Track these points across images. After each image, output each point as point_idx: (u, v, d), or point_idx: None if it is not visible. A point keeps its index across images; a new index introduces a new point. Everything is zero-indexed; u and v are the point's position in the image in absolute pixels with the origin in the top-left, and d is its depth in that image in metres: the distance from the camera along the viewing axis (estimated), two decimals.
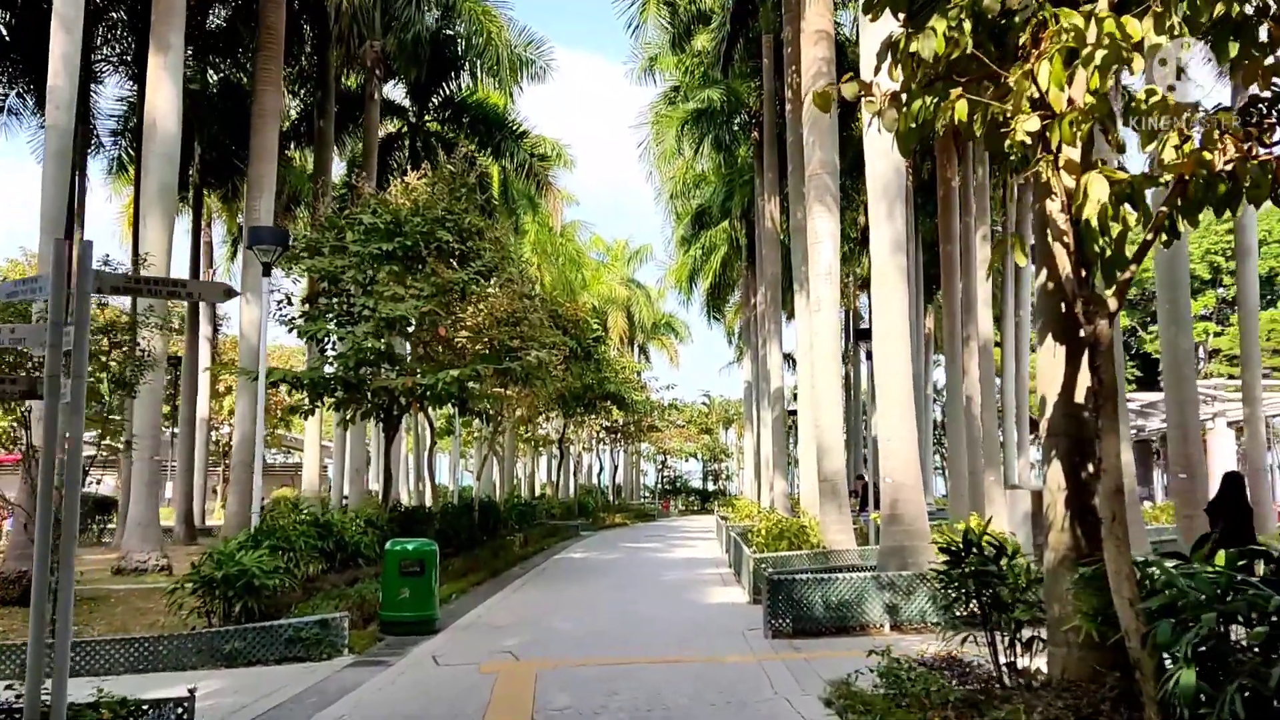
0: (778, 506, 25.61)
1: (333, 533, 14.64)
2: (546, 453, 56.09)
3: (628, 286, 55.34)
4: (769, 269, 27.05)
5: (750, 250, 35.47)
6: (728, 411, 72.02)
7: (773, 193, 27.26)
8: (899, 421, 12.98)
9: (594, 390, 35.58)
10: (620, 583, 18.37)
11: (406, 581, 12.55)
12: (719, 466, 70.50)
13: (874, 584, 12.06)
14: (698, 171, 37.61)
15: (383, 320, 15.36)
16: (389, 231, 16.11)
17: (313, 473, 22.71)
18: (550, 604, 15.34)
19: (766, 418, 29.24)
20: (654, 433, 51.96)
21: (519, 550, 24.40)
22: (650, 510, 54.85)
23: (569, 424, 40.55)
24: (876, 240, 13.35)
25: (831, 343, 17.56)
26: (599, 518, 41.89)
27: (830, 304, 17.62)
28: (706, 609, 14.57)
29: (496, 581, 18.65)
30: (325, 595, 12.79)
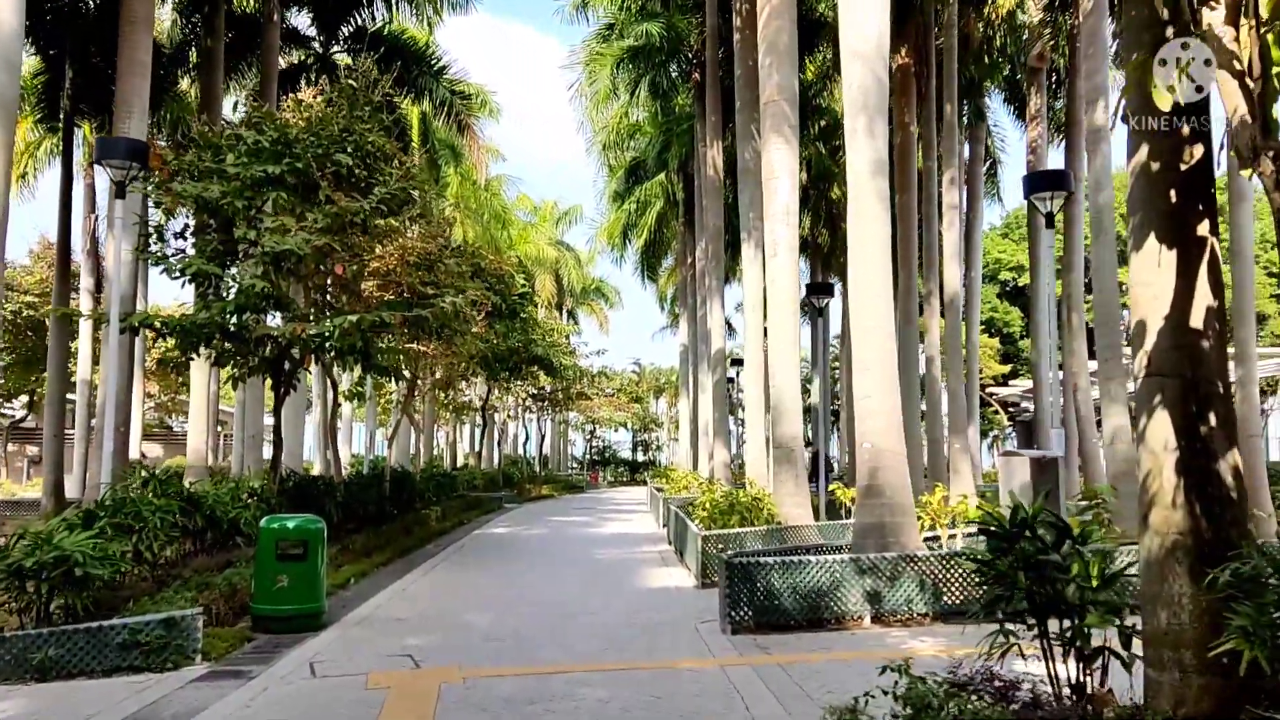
0: (719, 477, 23.72)
1: (202, 507, 12.17)
2: (470, 421, 53.51)
3: (556, 248, 52.81)
4: (710, 220, 25.00)
5: (688, 206, 33.36)
6: (659, 380, 70.17)
7: (715, 137, 25.13)
8: (880, 376, 11.06)
9: (520, 353, 33.25)
10: (547, 563, 16.24)
11: (285, 567, 10.22)
12: (649, 436, 68.70)
13: (852, 568, 10.16)
14: (633, 121, 35.26)
15: (267, 256, 12.83)
16: (276, 152, 13.53)
17: (199, 439, 19.92)
18: (465, 590, 13.14)
19: (706, 382, 27.30)
20: (583, 401, 49.73)
21: (435, 525, 22.07)
22: (578, 481, 52.80)
23: (493, 389, 38.13)
24: (855, 162, 11.34)
25: (789, 289, 15.59)
26: (525, 489, 39.66)
27: (788, 247, 15.63)
28: (649, 596, 12.54)
29: (405, 561, 16.34)
30: (184, 585, 10.37)
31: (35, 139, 27.81)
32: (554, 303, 53.47)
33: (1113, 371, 14.23)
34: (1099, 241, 14.44)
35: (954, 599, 10.34)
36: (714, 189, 25.05)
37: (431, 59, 26.04)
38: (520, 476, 43.33)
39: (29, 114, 25.99)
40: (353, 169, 13.80)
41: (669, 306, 54.43)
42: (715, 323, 25.01)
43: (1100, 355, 14.48)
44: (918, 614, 10.28)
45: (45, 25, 21.35)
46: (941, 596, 10.33)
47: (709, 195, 25.23)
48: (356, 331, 13.98)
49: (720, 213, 24.98)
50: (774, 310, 15.72)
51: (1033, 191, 12.90)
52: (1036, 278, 23.84)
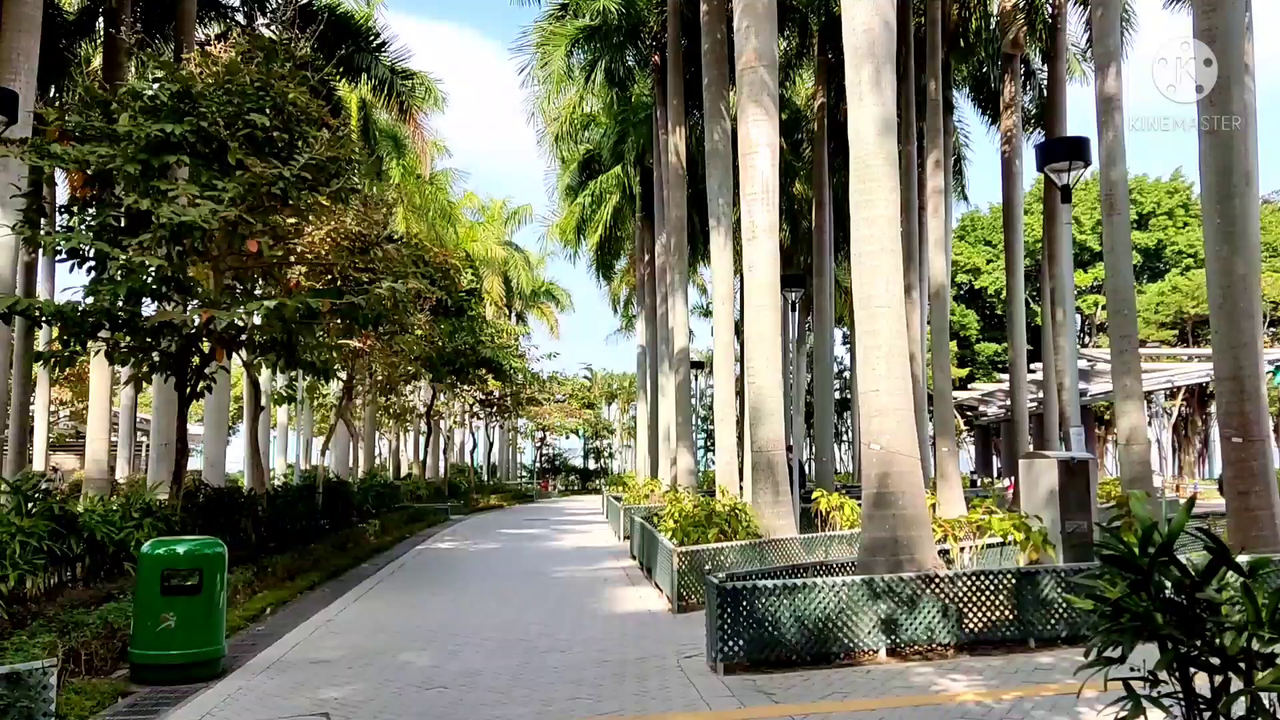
0: (683, 484, 22.06)
1: (80, 528, 10.12)
2: (414, 428, 51.23)
3: (505, 249, 50.79)
4: (673, 212, 23.37)
5: (646, 200, 31.73)
6: (611, 385, 68.35)
7: (678, 123, 23.53)
8: (891, 367, 9.46)
9: (467, 355, 31.29)
10: (500, 586, 14.38)
11: (174, 602, 8.26)
12: (602, 444, 66.83)
13: (864, 592, 8.51)
14: (587, 112, 33.53)
15: (165, 230, 10.84)
16: (177, 110, 11.54)
17: (99, 446, 17.67)
18: (404, 620, 11.24)
19: (667, 384, 25.63)
20: (533, 406, 47.75)
21: (373, 541, 20.06)
22: (529, 491, 50.74)
23: (438, 394, 36.06)
24: (859, 121, 9.74)
25: (769, 277, 13.97)
26: (473, 500, 37.62)
27: (767, 229, 14.02)
28: (620, 624, 10.78)
29: (336, 585, 14.36)
30: (46, 625, 8.36)
31: None
32: (503, 305, 51.49)
33: (1128, 365, 12.84)
34: (1111, 222, 13.07)
35: (977, 626, 8.78)
36: (676, 177, 23.43)
37: (370, 35, 24.04)
38: (467, 486, 41.25)
39: None
40: (270, 130, 11.85)
41: (622, 310, 52.78)
42: (678, 320, 23.37)
43: (1115, 347, 13.10)
44: (939, 644, 8.68)
45: None
46: (964, 623, 8.76)
47: (671, 185, 23.60)
48: (278, 321, 12.05)
49: (683, 203, 23.36)
50: (752, 301, 14.10)
51: (1048, 162, 11.44)
52: (1013, 270, 22.62)
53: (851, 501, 14.45)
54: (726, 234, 18.36)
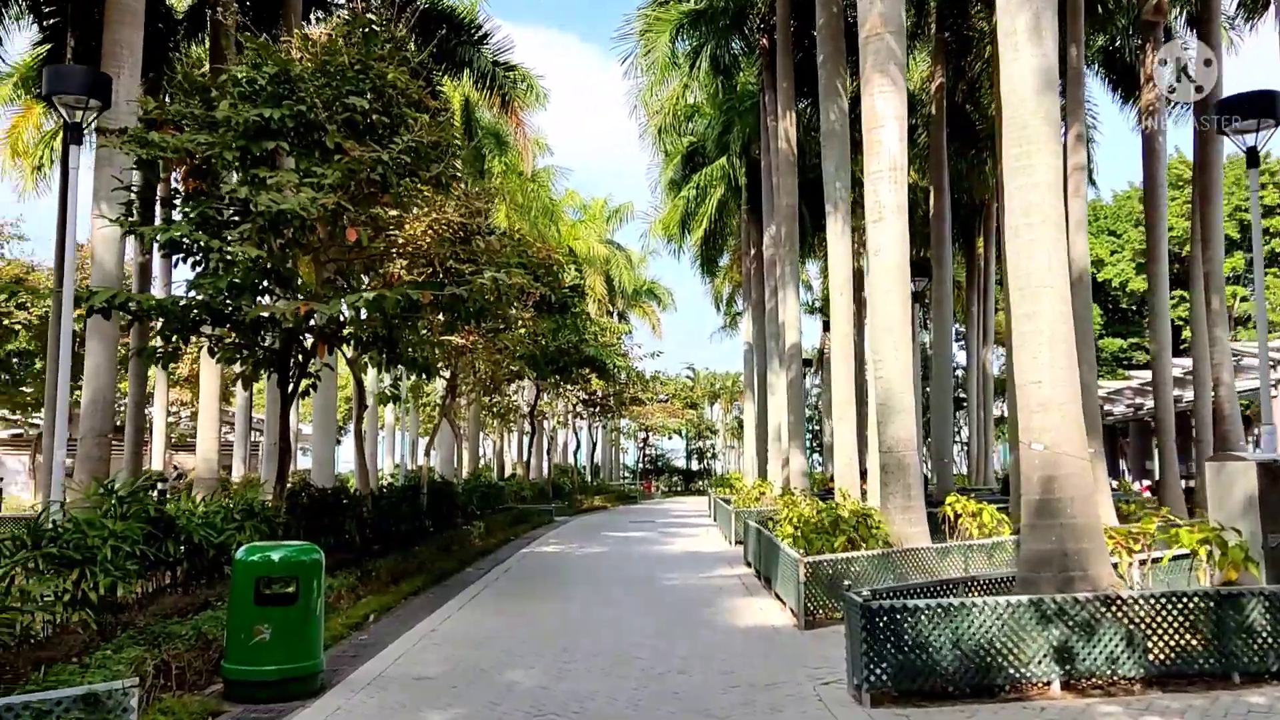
0: (795, 486, 20.94)
1: (177, 531, 9.72)
2: (518, 429, 51.20)
3: (607, 247, 50.28)
4: (783, 200, 22.23)
5: (753, 191, 30.60)
6: (714, 385, 67.26)
7: (788, 107, 22.38)
8: (1055, 355, 8.24)
9: (570, 354, 30.72)
10: (609, 592, 13.58)
11: (269, 613, 7.69)
12: (704, 444, 65.75)
13: (1032, 614, 7.35)
14: (690, 103, 32.60)
15: (263, 218, 10.39)
16: (275, 95, 11.11)
17: (209, 445, 17.62)
18: (510, 632, 10.52)
19: (777, 381, 24.51)
20: (636, 406, 47.05)
21: (478, 543, 19.58)
22: (632, 492, 50.11)
23: (542, 393, 35.67)
24: (1015, 75, 8.55)
25: (897, 259, 12.78)
26: (576, 501, 37.13)
27: (895, 209, 12.83)
28: (740, 641, 9.81)
29: (440, 590, 13.81)
30: (135, 636, 7.90)
31: (52, 128, 25.95)
32: (605, 304, 51.00)
33: None
34: None
35: (1168, 656, 7.49)
36: (787, 164, 22.28)
37: (472, 27, 23.61)
38: (571, 487, 40.82)
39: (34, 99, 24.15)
40: (369, 114, 11.30)
41: (725, 307, 51.64)
42: (789, 314, 22.22)
43: None
44: (1124, 678, 7.43)
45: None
46: (1152, 653, 7.49)
47: (781, 172, 22.48)
48: (378, 315, 11.53)
49: (794, 191, 22.20)
50: (877, 287, 12.92)
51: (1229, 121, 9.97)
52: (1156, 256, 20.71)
53: (990, 507, 13.13)
54: (844, 219, 17.21)
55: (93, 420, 13.86)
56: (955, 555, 11.65)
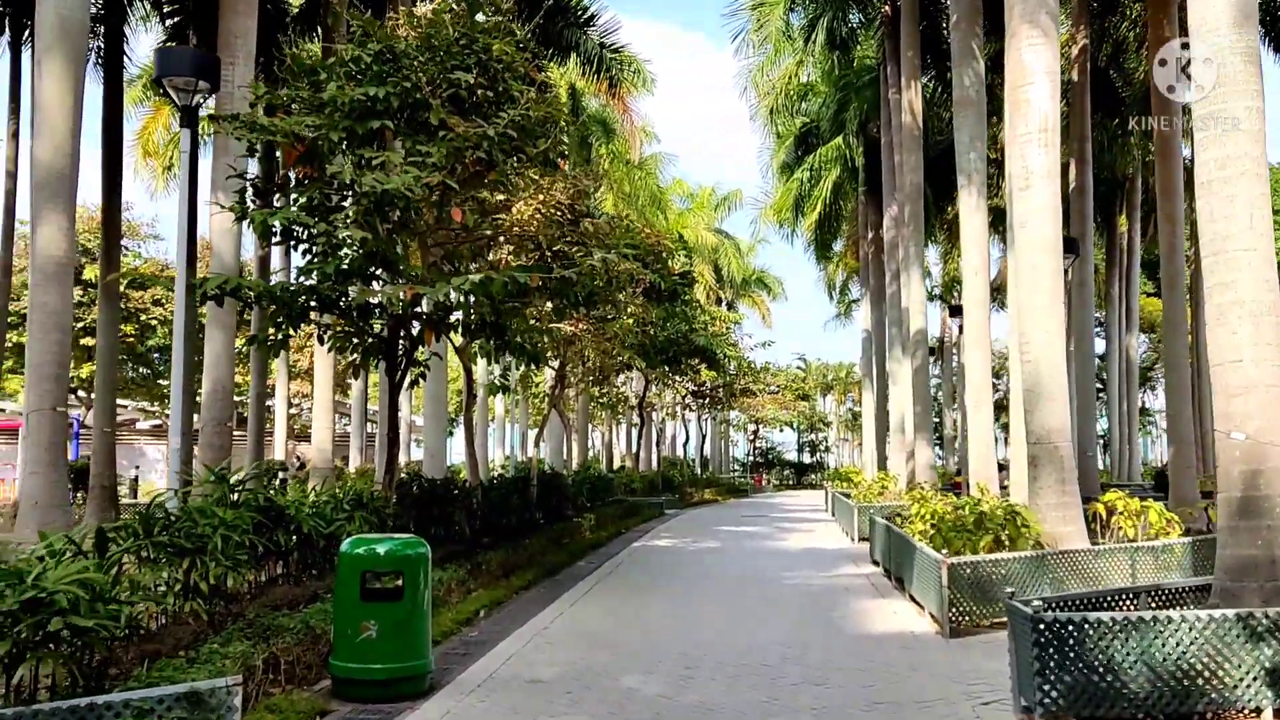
0: (921, 480, 19.77)
1: (286, 520, 9.43)
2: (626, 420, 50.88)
3: (715, 235, 49.48)
4: (907, 178, 21.01)
5: (870, 172, 29.33)
6: (826, 376, 65.66)
7: (912, 77, 21.15)
8: (1260, 330, 7.11)
9: (680, 344, 30.07)
10: (728, 590, 12.85)
11: (374, 609, 7.25)
12: (816, 437, 64.23)
13: (1239, 630, 6.28)
14: (803, 82, 31.47)
15: (367, 200, 10.03)
16: (380, 73, 10.75)
17: (324, 435, 17.65)
18: (626, 631, 9.91)
19: (900, 369, 23.29)
20: (747, 398, 46.07)
21: (589, 536, 19.11)
22: (742, 485, 49.19)
23: (651, 383, 35.13)
24: (1206, 3, 7.42)
25: (1048, 231, 11.62)
26: (685, 493, 36.49)
27: (1046, 175, 11.66)
28: (877, 649, 8.94)
29: (551, 585, 13.33)
30: (244, 626, 7.58)
31: None
32: (714, 293, 50.21)
33: None
34: None
35: None
36: (911, 139, 21.06)
37: (578, 8, 23.11)
38: (680, 480, 40.22)
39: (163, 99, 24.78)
40: (474, 89, 10.84)
41: (838, 295, 50.09)
42: (914, 298, 21.01)
43: None
44: None
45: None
46: None
47: (905, 148, 21.25)
48: (485, 300, 11.07)
49: (918, 168, 20.96)
50: (1024, 262, 11.77)
51: None
52: None
53: (1157, 505, 11.83)
54: (979, 193, 16.01)
55: (213, 409, 13.91)
56: (1118, 559, 10.47)
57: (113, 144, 18.67)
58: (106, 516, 15.59)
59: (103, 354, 17.58)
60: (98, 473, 16.69)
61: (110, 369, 17.64)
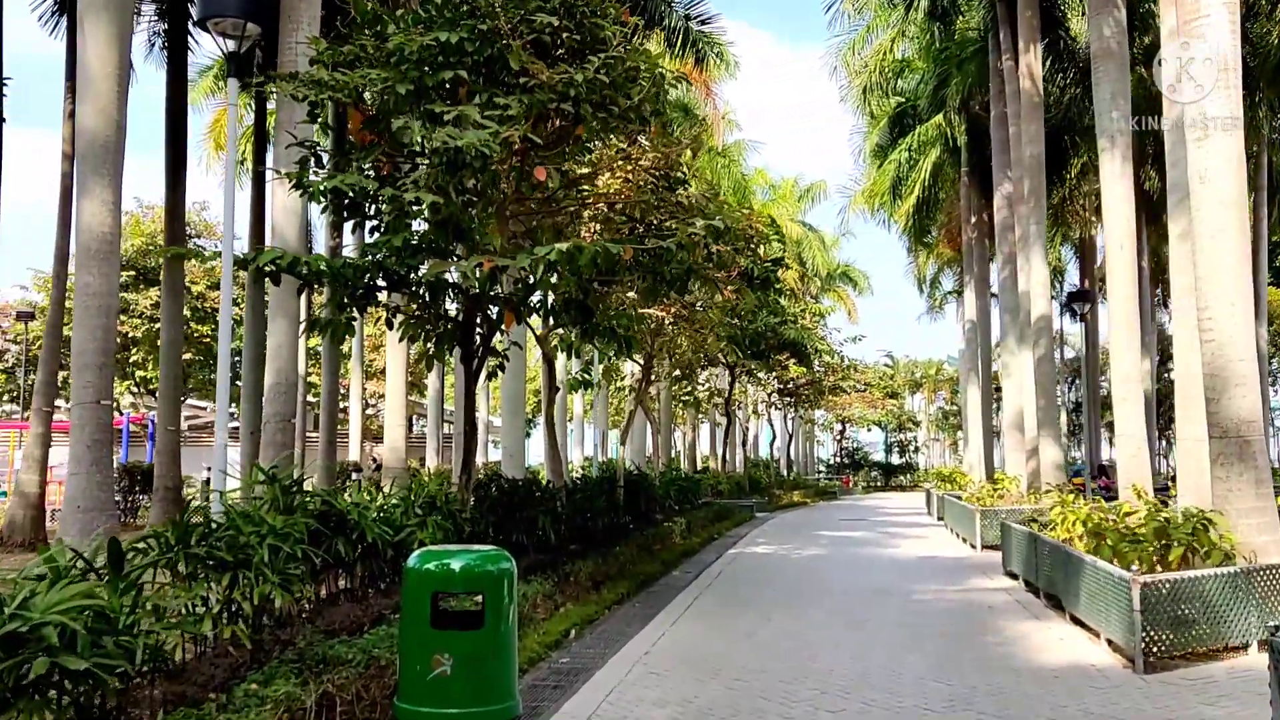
0: (1048, 481, 17.83)
1: (348, 528, 8.18)
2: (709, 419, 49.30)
3: (800, 228, 47.55)
4: (1027, 149, 19.03)
5: (974, 151, 27.21)
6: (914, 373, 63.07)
7: (1032, 39, 19.22)
8: None
9: (768, 338, 28.43)
10: (849, 609, 11.22)
11: (449, 638, 5.88)
12: (904, 437, 61.63)
13: None
14: (899, 58, 29.56)
15: (438, 158, 8.74)
16: (452, 18, 9.48)
17: (396, 433, 16.53)
18: (740, 657, 8.39)
19: (1015, 361, 21.26)
20: (836, 396, 44.07)
21: (680, 542, 17.66)
22: (830, 487, 47.15)
23: (737, 379, 33.50)
24: None
25: (1231, 186, 9.76)
26: (774, 496, 34.75)
27: (1227, 123, 9.82)
28: (1058, 689, 7.25)
29: (647, 598, 11.90)
30: (295, 656, 6.31)
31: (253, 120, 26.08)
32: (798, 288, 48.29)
33: None
34: None
35: None
36: (1031, 107, 19.10)
37: None
38: (768, 481, 38.51)
39: None
40: (559, 31, 9.47)
41: (929, 289, 47.70)
42: (1035, 280, 19.05)
43: None
44: None
45: None
46: None
47: (1024, 118, 19.28)
48: (571, 276, 9.69)
49: (1040, 138, 18.98)
50: (1204, 222, 9.92)
51: None
52: None
53: None
54: (1124, 156, 14.07)
55: (276, 404, 12.76)
56: None
57: (177, 133, 17.90)
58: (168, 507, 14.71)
59: (167, 349, 16.76)
60: (162, 474, 15.85)
61: (175, 364, 16.83)
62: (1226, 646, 7.98)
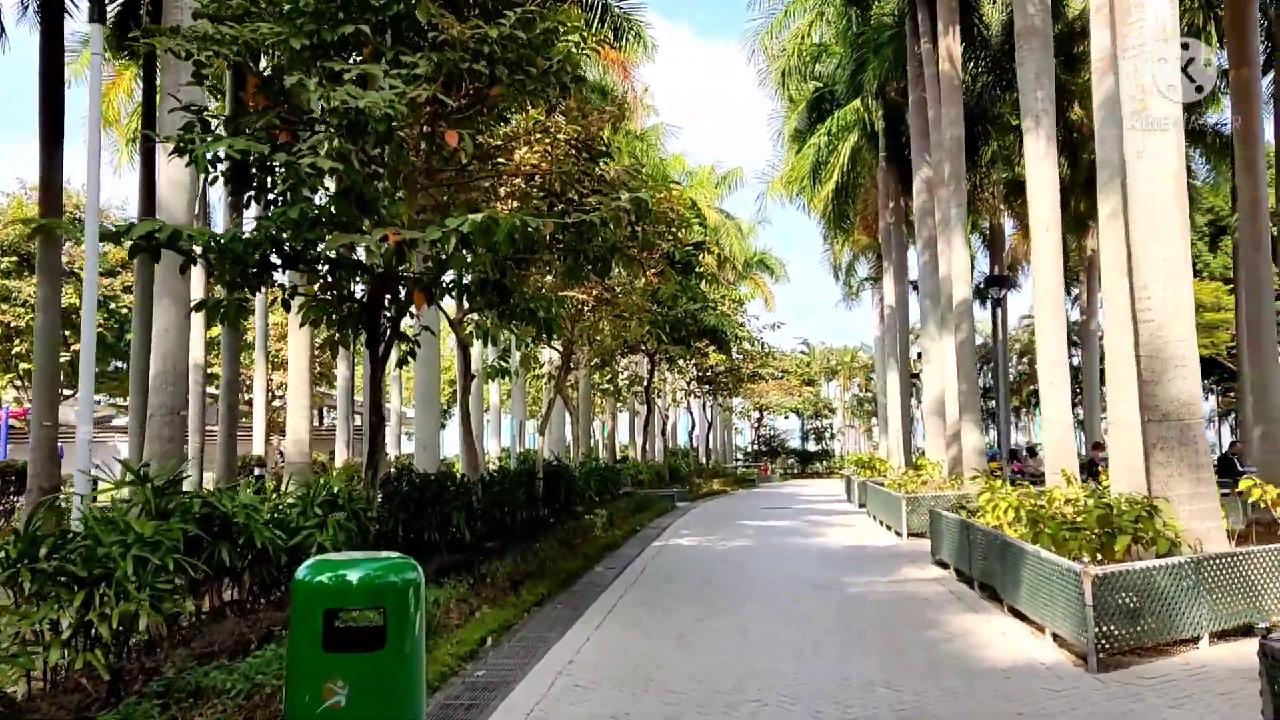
0: (970, 466, 17.70)
1: (232, 533, 7.27)
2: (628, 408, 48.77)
3: (716, 214, 47.25)
4: (947, 132, 18.87)
5: (891, 137, 27.19)
6: (830, 360, 63.59)
7: (951, 21, 19.05)
8: None
9: (689, 324, 27.93)
10: (784, 605, 10.71)
11: (344, 662, 5.06)
12: (820, 424, 62.09)
13: None
14: (816, 43, 29.33)
15: (336, 119, 7.84)
16: None
17: (299, 424, 15.39)
18: (672, 664, 7.76)
19: (936, 346, 21.18)
20: (754, 383, 43.92)
21: (602, 535, 16.98)
22: (749, 475, 47.11)
23: (657, 367, 32.99)
24: None
25: (1170, 156, 9.49)
26: (694, 485, 34.37)
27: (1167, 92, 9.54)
28: (1009, 690, 6.81)
29: (570, 598, 11.20)
30: (161, 687, 5.43)
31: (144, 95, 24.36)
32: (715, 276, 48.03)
33: None
34: None
35: None
36: (950, 89, 18.93)
37: None
38: (687, 470, 38.14)
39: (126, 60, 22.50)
40: None
41: (844, 276, 47.97)
42: (956, 264, 18.90)
43: None
44: None
45: None
46: None
47: (945, 100, 19.11)
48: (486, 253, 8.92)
49: (960, 121, 18.81)
50: (1140, 199, 9.65)
51: None
52: None
53: None
54: (1048, 137, 13.89)
55: (163, 394, 11.56)
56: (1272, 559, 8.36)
57: (52, 99, 16.35)
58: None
59: (41, 335, 15.30)
60: (36, 473, 14.46)
61: (50, 352, 15.37)
62: (1176, 640, 7.67)
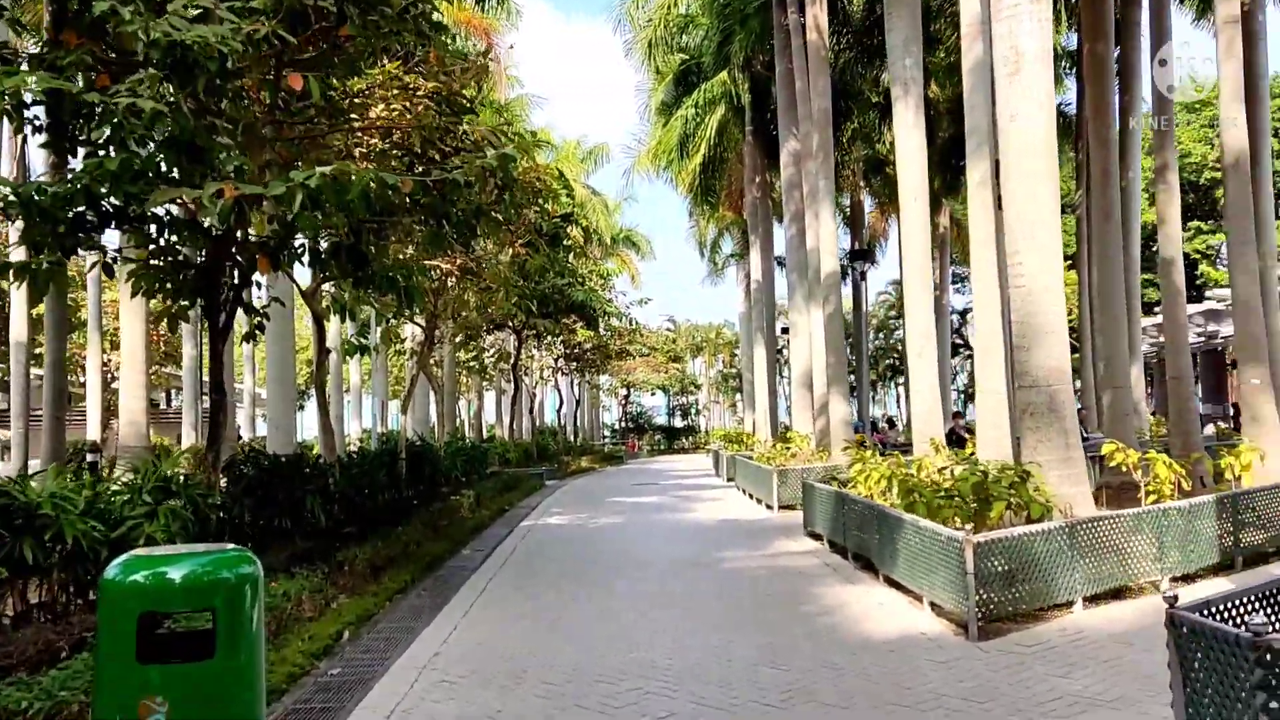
0: (839, 438, 17.87)
1: (36, 526, 6.31)
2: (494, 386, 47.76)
3: (583, 190, 46.64)
4: (816, 103, 18.88)
5: (758, 111, 27.22)
6: (696, 337, 64.08)
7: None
8: None
9: (556, 300, 27.34)
10: (660, 584, 10.35)
11: (166, 673, 4.33)
12: (687, 400, 62.59)
13: None
14: (682, 13, 29.04)
15: (158, 53, 6.89)
16: None
17: (135, 405, 13.95)
18: (547, 653, 7.25)
19: (805, 319, 21.31)
20: (621, 360, 43.71)
21: (469, 516, 16.29)
22: (616, 452, 46.99)
23: (524, 344, 32.27)
24: None
25: (1042, 129, 9.54)
26: (563, 463, 33.90)
27: (1038, 58, 9.54)
28: (897, 664, 6.63)
29: (436, 585, 10.53)
30: None
31: None
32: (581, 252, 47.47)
33: None
34: None
35: None
36: (818, 60, 18.92)
37: None
38: (556, 448, 37.65)
39: None
40: None
41: (709, 253, 48.23)
42: (824, 237, 18.96)
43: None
44: None
45: None
46: None
47: (812, 71, 19.10)
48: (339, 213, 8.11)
49: (828, 92, 18.86)
50: (1014, 167, 9.69)
51: None
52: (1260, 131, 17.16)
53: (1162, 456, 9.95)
54: (917, 106, 13.95)
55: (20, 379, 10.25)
56: (1146, 528, 8.52)
57: None
58: None
59: None
60: None
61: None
62: (1052, 605, 7.70)
